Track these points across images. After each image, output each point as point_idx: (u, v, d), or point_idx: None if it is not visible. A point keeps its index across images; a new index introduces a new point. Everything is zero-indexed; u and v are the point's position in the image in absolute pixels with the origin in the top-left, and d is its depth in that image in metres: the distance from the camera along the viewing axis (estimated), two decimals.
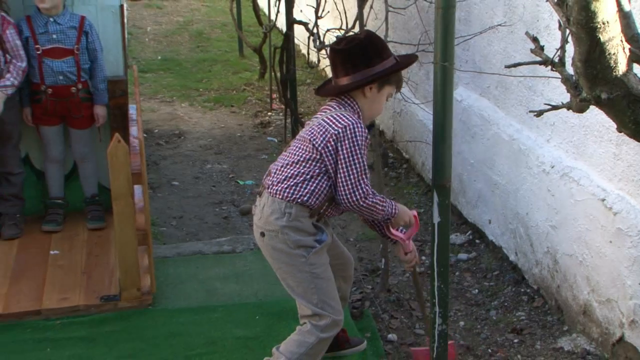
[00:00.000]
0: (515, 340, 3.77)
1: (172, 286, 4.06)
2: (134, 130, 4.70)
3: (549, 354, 3.64)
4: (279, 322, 3.57)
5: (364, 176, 2.89)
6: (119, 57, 4.64)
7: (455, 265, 4.46)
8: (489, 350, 3.69)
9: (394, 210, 3.01)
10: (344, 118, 2.91)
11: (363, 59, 2.95)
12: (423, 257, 4.55)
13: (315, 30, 5.23)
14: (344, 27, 4.62)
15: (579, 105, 2.11)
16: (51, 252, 4.36)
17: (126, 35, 4.73)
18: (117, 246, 3.77)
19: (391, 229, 3.14)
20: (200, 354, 3.46)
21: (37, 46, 4.36)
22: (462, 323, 3.93)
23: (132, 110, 4.89)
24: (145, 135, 5.71)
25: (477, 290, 4.24)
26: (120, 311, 3.79)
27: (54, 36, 4.37)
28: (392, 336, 3.77)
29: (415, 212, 3.16)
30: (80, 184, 4.74)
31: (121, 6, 4.56)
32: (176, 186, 5.66)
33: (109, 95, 4.59)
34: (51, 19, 4.36)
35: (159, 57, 9.40)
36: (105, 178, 4.39)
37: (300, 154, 2.95)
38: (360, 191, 2.88)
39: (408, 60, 3.13)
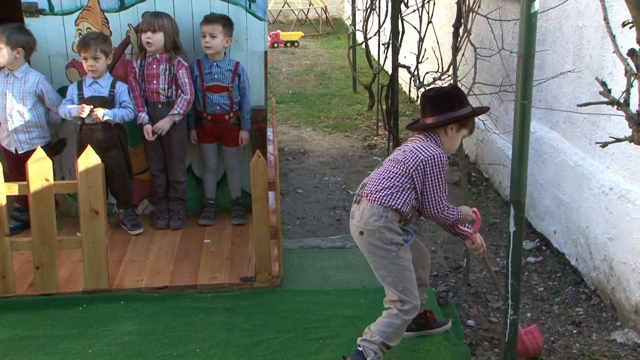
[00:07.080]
0: (574, 331, 3.61)
1: (295, 272, 4.09)
2: (270, 148, 4.80)
3: (604, 344, 3.46)
4: (379, 306, 3.50)
5: (444, 194, 2.97)
6: (262, 91, 4.73)
7: (525, 266, 4.30)
8: (552, 338, 3.54)
9: (460, 216, 3.05)
10: (431, 148, 2.97)
11: (447, 105, 3.01)
12: (498, 259, 4.43)
13: (415, 73, 5.19)
14: (440, 70, 4.56)
15: None
16: (205, 241, 4.47)
17: (267, 74, 4.82)
18: (254, 239, 3.84)
19: (460, 227, 3.16)
20: (316, 327, 3.47)
21: (203, 83, 4.51)
22: (529, 314, 3.80)
23: (270, 133, 4.99)
24: (278, 152, 5.80)
25: (542, 288, 4.08)
26: (255, 289, 3.85)
27: (215, 76, 4.51)
28: (470, 322, 3.68)
29: (475, 209, 3.18)
30: (228, 189, 4.84)
31: (265, 52, 4.66)
32: (300, 193, 5.71)
33: (253, 120, 4.68)
34: (214, 63, 4.50)
35: (290, 92, 9.53)
36: (247, 185, 4.49)
37: (395, 172, 2.97)
38: (441, 205, 2.96)
39: (481, 110, 3.20)
